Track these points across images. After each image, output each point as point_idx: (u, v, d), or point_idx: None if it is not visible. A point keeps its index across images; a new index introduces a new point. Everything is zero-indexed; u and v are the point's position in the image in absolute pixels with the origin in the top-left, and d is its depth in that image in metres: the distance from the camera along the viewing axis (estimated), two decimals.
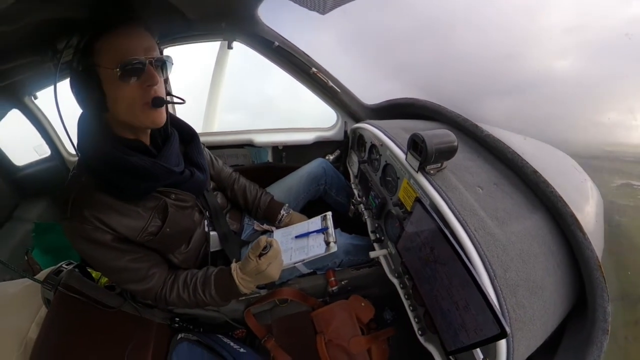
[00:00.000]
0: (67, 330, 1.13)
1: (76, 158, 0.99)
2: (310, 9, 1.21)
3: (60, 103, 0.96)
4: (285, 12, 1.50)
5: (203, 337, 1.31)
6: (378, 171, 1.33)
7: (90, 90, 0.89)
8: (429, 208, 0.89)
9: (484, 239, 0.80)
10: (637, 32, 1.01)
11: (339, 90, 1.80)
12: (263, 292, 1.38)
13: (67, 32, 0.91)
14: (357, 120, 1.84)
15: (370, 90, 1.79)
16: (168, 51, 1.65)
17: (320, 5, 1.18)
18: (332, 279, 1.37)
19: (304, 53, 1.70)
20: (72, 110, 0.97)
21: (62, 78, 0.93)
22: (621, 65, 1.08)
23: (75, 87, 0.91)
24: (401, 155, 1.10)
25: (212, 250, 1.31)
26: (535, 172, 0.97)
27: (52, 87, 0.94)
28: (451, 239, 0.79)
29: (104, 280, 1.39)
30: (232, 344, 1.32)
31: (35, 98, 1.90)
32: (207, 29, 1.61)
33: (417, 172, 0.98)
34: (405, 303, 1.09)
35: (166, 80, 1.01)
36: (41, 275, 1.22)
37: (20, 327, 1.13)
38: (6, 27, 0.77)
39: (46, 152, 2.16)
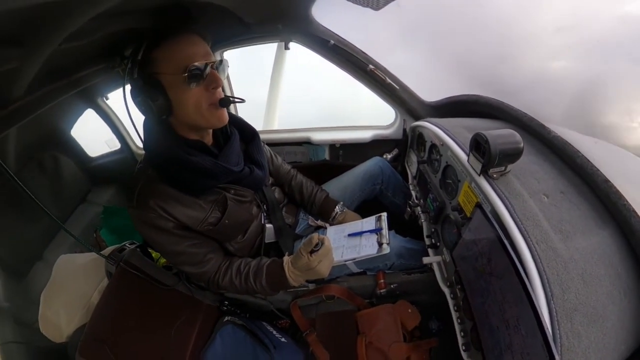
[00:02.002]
0: (124, 300, 1.32)
1: (143, 151, 1.13)
2: (364, 6, 1.25)
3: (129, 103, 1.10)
4: (339, 11, 1.56)
5: (248, 322, 1.43)
6: (438, 172, 1.32)
7: (154, 97, 1.00)
8: (489, 215, 0.87)
9: (545, 254, 0.77)
10: (631, 30, 0.99)
11: (397, 87, 1.81)
12: (311, 286, 1.45)
13: (133, 41, 1.06)
14: (417, 118, 1.83)
15: (430, 86, 1.75)
16: (228, 54, 1.88)
17: (374, 1, 1.21)
18: (382, 281, 1.39)
19: (361, 50, 1.74)
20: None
21: (128, 81, 1.08)
22: (617, 66, 1.07)
23: (138, 96, 1.02)
24: (463, 156, 1.08)
25: (266, 241, 1.41)
26: (607, 181, 0.91)
27: (121, 89, 1.08)
28: (510, 250, 0.77)
29: (163, 260, 1.57)
30: (274, 332, 1.43)
31: (107, 99, 2.23)
32: (264, 31, 1.74)
33: (479, 175, 0.96)
34: (454, 315, 1.08)
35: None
36: (106, 251, 1.43)
37: (85, 293, 1.36)
38: (82, 41, 0.95)
39: (116, 145, 2.52)
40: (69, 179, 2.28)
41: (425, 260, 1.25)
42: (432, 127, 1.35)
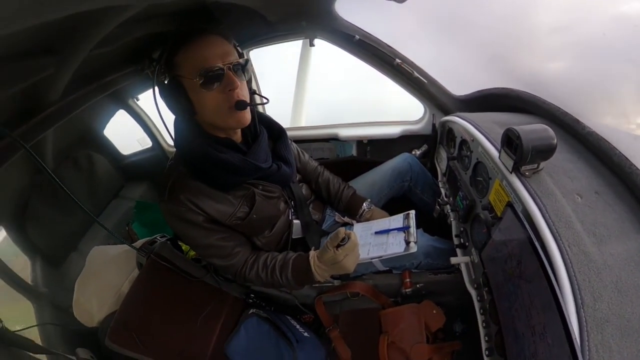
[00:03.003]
0: (153, 290, 1.39)
1: (174, 149, 1.21)
2: None
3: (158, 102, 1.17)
4: (362, 5, 1.56)
5: (272, 316, 1.48)
6: (468, 169, 1.29)
7: (177, 99, 1.06)
8: (521, 215, 0.85)
9: (576, 258, 0.74)
10: (625, 31, 0.98)
11: (425, 81, 1.78)
12: (337, 282, 1.47)
13: (160, 44, 1.12)
14: (446, 113, 1.80)
15: (460, 79, 1.70)
16: (254, 53, 1.93)
17: None
18: (408, 280, 1.38)
19: (386, 44, 1.73)
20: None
21: (157, 83, 1.15)
22: (613, 67, 1.06)
23: (164, 97, 1.09)
24: (494, 152, 1.06)
25: (293, 237, 1.44)
26: None
27: (151, 91, 1.13)
28: (541, 253, 0.75)
29: (192, 253, 1.65)
30: (298, 326, 1.47)
31: (138, 100, 2.35)
32: (289, 29, 1.76)
33: (511, 172, 0.94)
34: (479, 318, 1.07)
35: (249, 81, 1.15)
36: (138, 243, 1.52)
37: (116, 282, 1.44)
38: (112, 47, 1.03)
39: (147, 143, 2.64)
40: (102, 176, 2.44)
41: (453, 260, 1.23)
42: (462, 122, 1.32)
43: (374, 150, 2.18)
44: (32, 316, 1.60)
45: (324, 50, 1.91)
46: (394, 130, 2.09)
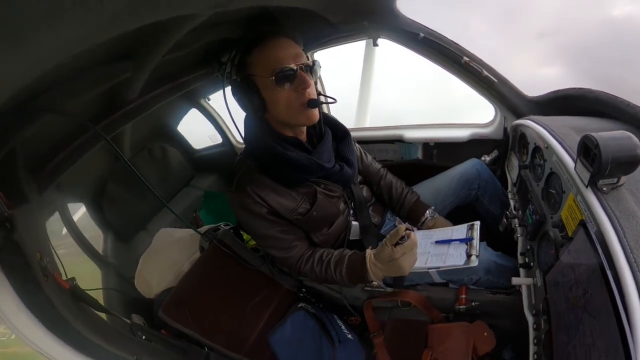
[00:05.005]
0: (210, 273, 1.51)
1: (243, 145, 1.25)
2: None
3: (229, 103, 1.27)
4: (425, 2, 1.55)
5: (320, 312, 1.50)
6: (540, 180, 1.18)
7: (250, 97, 1.13)
8: (594, 237, 0.75)
9: None
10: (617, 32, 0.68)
11: (495, 81, 1.64)
12: (389, 289, 1.43)
13: (228, 48, 1.24)
14: (519, 116, 1.64)
15: (532, 78, 1.51)
16: (318, 55, 1.98)
17: None
18: (463, 296, 1.30)
19: (453, 42, 1.65)
20: (237, 107, 1.25)
21: (228, 84, 1.25)
22: (607, 69, 0.74)
23: (237, 95, 1.17)
24: (569, 162, 0.95)
25: (351, 238, 1.45)
26: None
27: (221, 91, 1.24)
28: (613, 284, 0.64)
29: (252, 242, 1.76)
30: (343, 327, 1.46)
31: (209, 100, 2.56)
32: (351, 30, 1.77)
33: (586, 187, 0.83)
34: (531, 349, 0.96)
35: (316, 82, 1.20)
36: (202, 229, 1.67)
37: (178, 261, 1.60)
38: (183, 52, 1.15)
39: (218, 140, 2.87)
40: (175, 166, 2.72)
41: (515, 281, 1.13)
42: (535, 126, 1.21)
43: (441, 153, 2.07)
44: (99, 280, 1.87)
45: (389, 50, 1.86)
46: (462, 133, 1.96)
